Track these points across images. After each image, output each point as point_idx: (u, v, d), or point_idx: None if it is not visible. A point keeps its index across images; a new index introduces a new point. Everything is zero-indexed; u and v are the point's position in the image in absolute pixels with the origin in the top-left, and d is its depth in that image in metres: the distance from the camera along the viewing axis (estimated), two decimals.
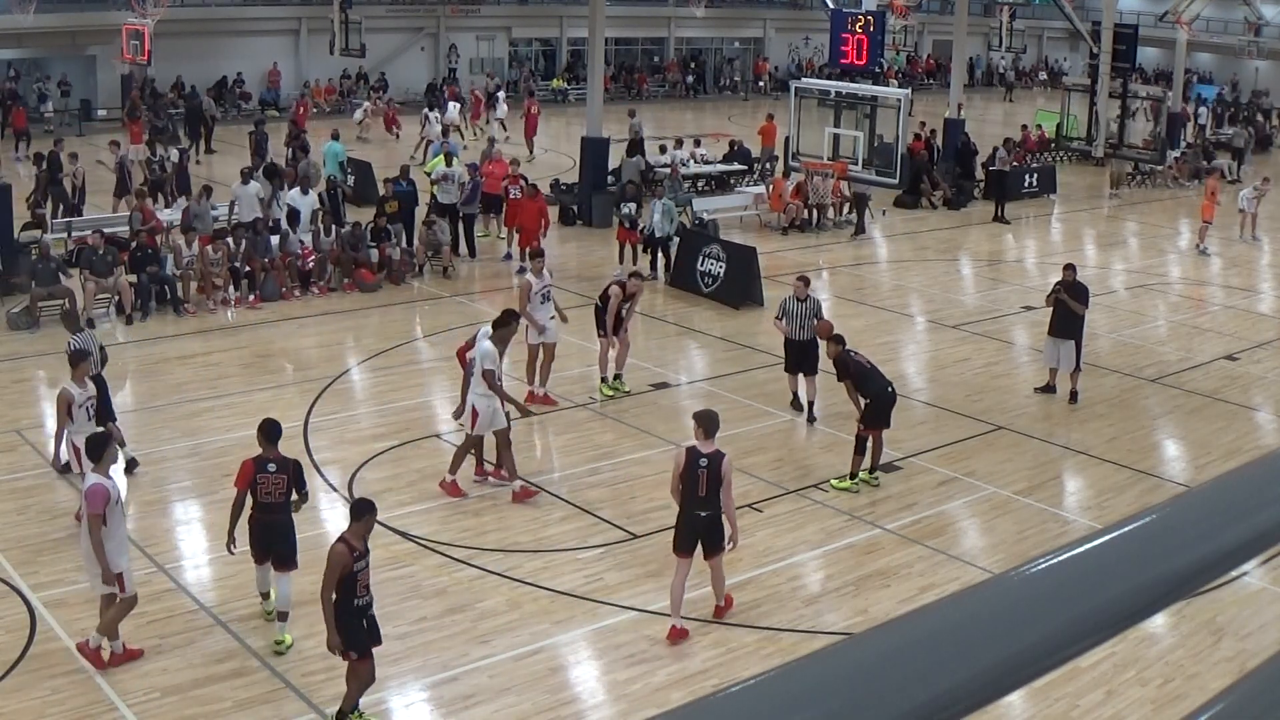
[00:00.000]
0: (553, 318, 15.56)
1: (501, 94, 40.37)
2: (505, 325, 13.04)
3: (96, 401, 12.00)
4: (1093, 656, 8.98)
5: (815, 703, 1.10)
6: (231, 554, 10.02)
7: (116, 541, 9.36)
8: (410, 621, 10.21)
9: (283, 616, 9.87)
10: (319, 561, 11.15)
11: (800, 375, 15.35)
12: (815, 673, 1.14)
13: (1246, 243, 27.63)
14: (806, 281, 15.42)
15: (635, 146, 28.48)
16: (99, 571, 9.30)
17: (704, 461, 10.02)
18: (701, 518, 10.08)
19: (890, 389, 13.36)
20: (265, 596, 10.23)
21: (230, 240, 19.88)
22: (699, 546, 10.13)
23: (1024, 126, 37.57)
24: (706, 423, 10.25)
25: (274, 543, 9.91)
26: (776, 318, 15.51)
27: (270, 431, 10.11)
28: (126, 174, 24.79)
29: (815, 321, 14.85)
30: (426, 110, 35.64)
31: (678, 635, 10.16)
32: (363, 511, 9.00)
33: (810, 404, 15.30)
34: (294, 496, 10.08)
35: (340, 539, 8.87)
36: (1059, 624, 1.24)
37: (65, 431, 11.73)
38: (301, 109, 35.65)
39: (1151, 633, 10.23)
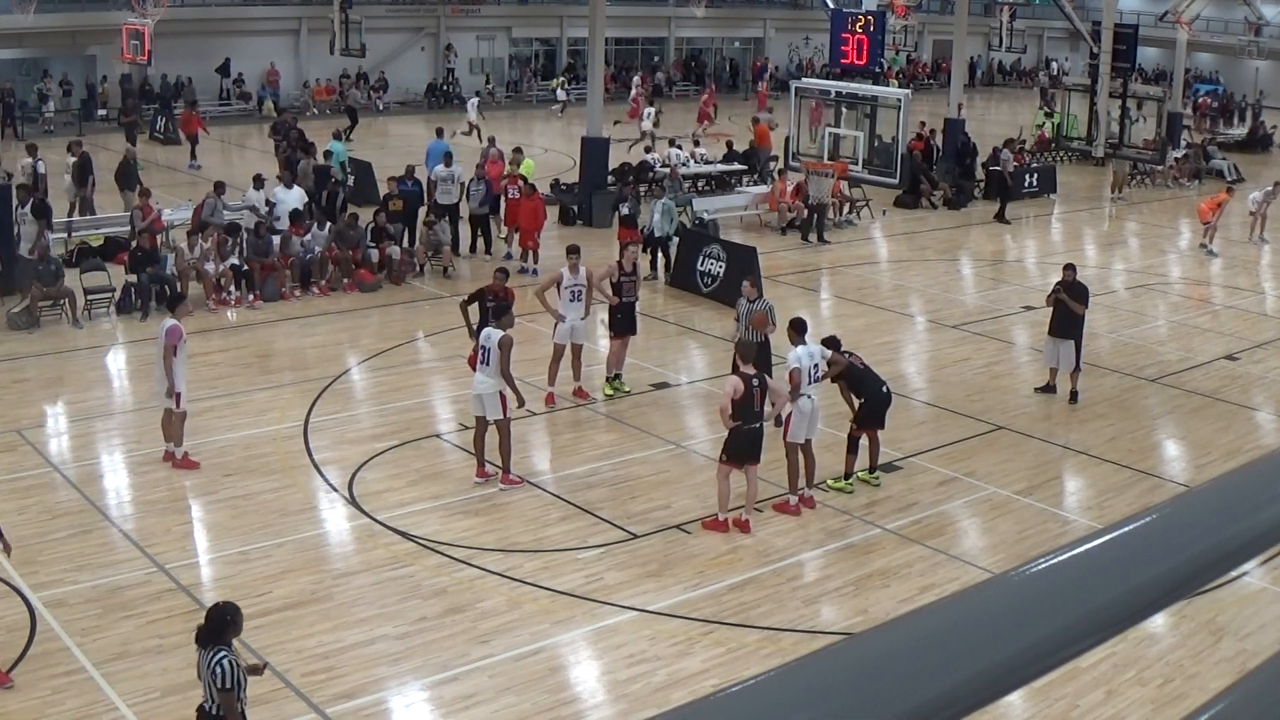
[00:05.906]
0: (583, 319, 15.51)
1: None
2: (503, 314, 13.00)
3: None
4: (1093, 656, 8.98)
5: (815, 703, 1.10)
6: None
7: (180, 371, 12.87)
8: (410, 621, 10.21)
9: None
10: (312, 561, 11.27)
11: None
12: (815, 673, 1.14)
13: (1256, 244, 27.53)
14: (754, 283, 15.34)
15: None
16: (165, 389, 12.76)
17: (756, 381, 11.79)
18: (755, 429, 11.85)
19: (885, 389, 13.36)
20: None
21: (227, 238, 19.89)
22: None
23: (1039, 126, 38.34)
24: (747, 350, 12.27)
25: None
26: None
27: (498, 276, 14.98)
28: None
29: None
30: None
31: (717, 526, 11.94)
32: None
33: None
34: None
35: None
36: (1059, 624, 1.24)
37: None
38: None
39: (1151, 633, 10.23)
